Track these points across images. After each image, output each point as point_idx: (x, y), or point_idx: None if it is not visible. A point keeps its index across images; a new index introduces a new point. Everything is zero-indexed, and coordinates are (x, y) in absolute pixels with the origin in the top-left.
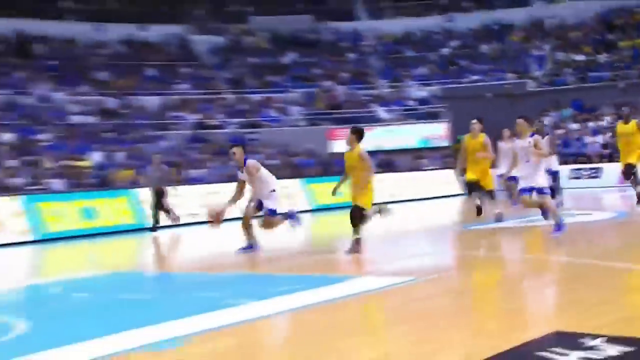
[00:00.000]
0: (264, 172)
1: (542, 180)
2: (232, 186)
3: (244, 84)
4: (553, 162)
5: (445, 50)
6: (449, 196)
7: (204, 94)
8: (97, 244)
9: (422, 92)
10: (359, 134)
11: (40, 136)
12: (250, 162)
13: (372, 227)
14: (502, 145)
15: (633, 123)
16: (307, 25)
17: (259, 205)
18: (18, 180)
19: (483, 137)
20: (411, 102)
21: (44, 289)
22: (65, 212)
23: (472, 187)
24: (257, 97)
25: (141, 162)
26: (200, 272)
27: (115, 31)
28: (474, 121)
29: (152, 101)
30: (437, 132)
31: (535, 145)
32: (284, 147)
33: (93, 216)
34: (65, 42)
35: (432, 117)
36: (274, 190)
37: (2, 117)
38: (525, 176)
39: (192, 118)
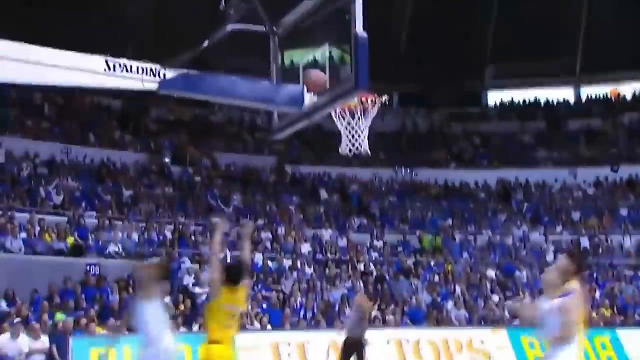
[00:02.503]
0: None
1: None
2: None
3: None
4: None
5: None
6: None
7: None
8: None
9: None
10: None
11: (518, 273)
12: None
13: None
14: None
15: None
16: None
17: None
18: (501, 314)
19: None
20: None
21: None
22: None
23: None
24: None
25: (618, 301)
26: None
27: (587, 174)
28: None
29: (626, 240)
30: None
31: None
32: None
33: None
34: (541, 186)
35: None
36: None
37: (487, 256)
38: None
39: None
